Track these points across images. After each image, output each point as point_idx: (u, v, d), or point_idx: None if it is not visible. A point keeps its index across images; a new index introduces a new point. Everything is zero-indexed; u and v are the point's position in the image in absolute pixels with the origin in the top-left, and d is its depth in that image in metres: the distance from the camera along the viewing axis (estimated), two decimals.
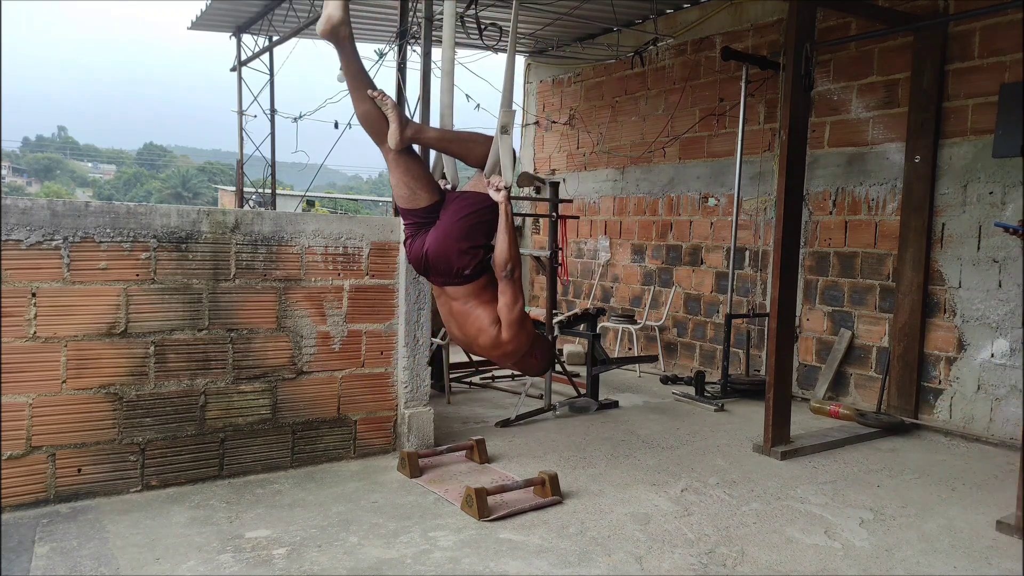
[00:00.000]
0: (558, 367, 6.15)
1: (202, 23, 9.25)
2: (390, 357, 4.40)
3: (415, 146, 3.17)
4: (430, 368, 4.58)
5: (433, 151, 3.37)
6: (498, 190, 2.99)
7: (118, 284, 3.60)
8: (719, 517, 3.62)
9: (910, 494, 4.03)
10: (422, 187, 2.97)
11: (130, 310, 3.63)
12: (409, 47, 6.65)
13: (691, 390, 6.26)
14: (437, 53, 6.84)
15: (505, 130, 3.05)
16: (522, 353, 3.14)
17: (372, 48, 8.46)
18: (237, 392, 3.93)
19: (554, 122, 9.29)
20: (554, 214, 5.85)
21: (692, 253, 7.44)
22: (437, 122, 3.28)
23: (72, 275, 3.49)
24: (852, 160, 5.98)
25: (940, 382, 5.39)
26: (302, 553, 3.10)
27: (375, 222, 4.35)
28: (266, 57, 9.96)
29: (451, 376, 6.10)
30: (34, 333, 3.42)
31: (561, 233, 6.20)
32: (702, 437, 5.05)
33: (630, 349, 7.83)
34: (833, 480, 4.23)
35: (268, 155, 10.28)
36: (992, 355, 5.08)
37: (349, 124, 9.04)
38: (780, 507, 3.78)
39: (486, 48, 7.45)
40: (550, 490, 3.71)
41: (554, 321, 5.84)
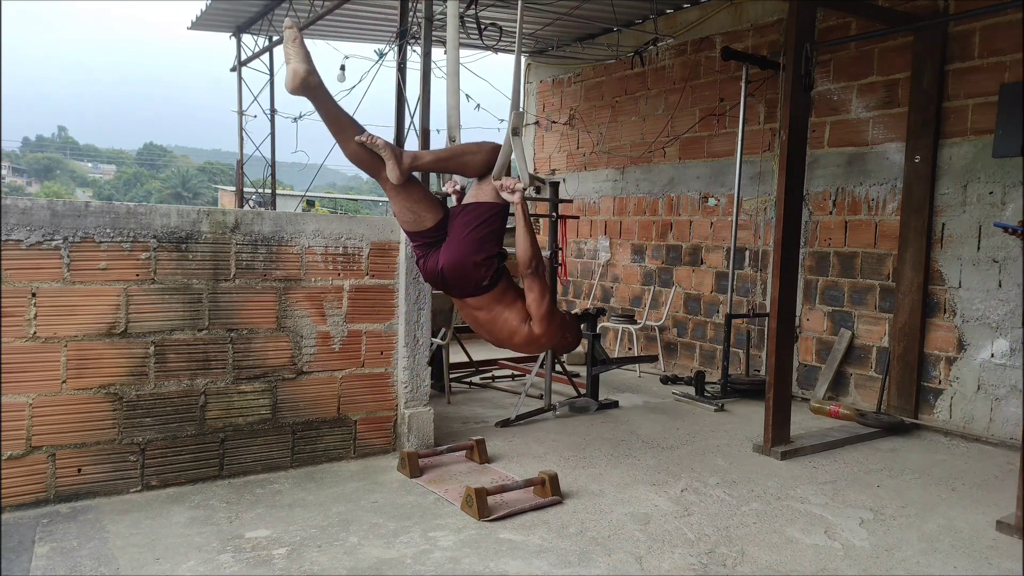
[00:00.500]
0: (558, 367, 6.15)
1: (202, 23, 9.26)
2: (390, 357, 4.40)
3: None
4: (430, 368, 4.58)
5: (446, 144, 3.37)
6: (512, 191, 2.98)
7: (118, 284, 3.60)
8: (719, 517, 3.62)
9: (910, 494, 4.04)
10: (425, 208, 2.96)
11: (130, 310, 3.63)
12: (409, 47, 6.66)
13: (691, 390, 6.26)
14: (437, 53, 6.85)
15: (516, 132, 3.06)
16: (557, 339, 3.17)
17: (372, 48, 8.43)
18: (237, 392, 3.93)
19: (554, 122, 9.29)
20: (554, 214, 5.85)
21: (692, 253, 7.44)
22: (443, 122, 3.28)
23: (72, 275, 3.49)
24: (852, 160, 5.98)
25: (940, 382, 5.39)
26: (302, 553, 3.10)
27: (375, 222, 4.35)
28: (266, 57, 9.98)
29: (451, 376, 6.10)
30: (34, 333, 3.42)
31: (561, 233, 6.20)
32: (702, 437, 5.05)
33: (630, 349, 7.84)
34: (833, 480, 4.23)
35: (268, 155, 10.29)
36: (992, 355, 5.08)
37: None
38: (780, 507, 3.78)
39: (486, 48, 7.46)
40: (550, 490, 3.71)
41: None
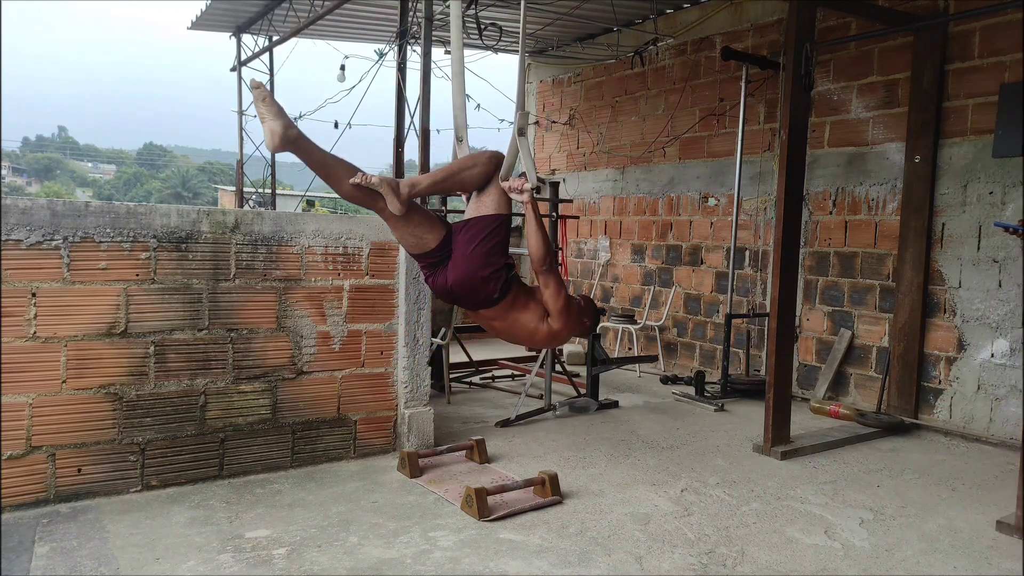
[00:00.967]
0: (558, 367, 6.15)
1: (202, 23, 9.26)
2: (390, 357, 4.40)
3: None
4: (430, 368, 4.58)
5: (452, 152, 3.36)
6: (521, 192, 2.99)
7: (118, 284, 3.60)
8: (719, 517, 3.62)
9: (910, 494, 4.04)
10: (427, 230, 2.94)
11: (130, 310, 3.63)
12: (409, 47, 6.66)
13: (691, 390, 6.26)
14: (437, 53, 6.86)
15: (521, 132, 3.07)
16: (577, 328, 3.23)
17: (372, 48, 8.44)
18: (237, 392, 3.93)
19: (554, 122, 9.29)
20: (554, 214, 5.85)
21: (692, 253, 7.44)
22: (448, 122, 3.27)
23: (72, 275, 3.49)
24: (852, 160, 5.98)
25: (940, 382, 5.39)
26: (302, 553, 3.10)
27: (375, 222, 4.35)
28: (266, 57, 9.98)
29: (451, 376, 6.10)
30: (34, 333, 3.42)
31: (561, 233, 6.20)
32: (702, 437, 5.05)
33: (630, 349, 7.84)
34: (833, 480, 4.23)
35: (268, 155, 10.29)
36: (992, 355, 5.08)
37: (349, 124, 9.06)
38: (780, 507, 3.78)
39: (486, 48, 7.46)
40: (550, 490, 3.71)
41: None
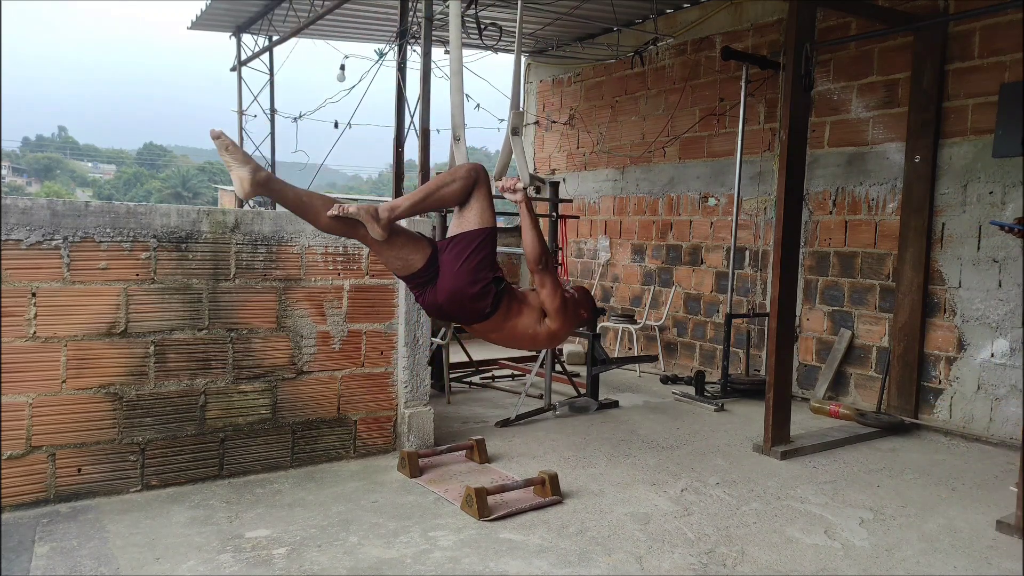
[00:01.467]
0: (558, 367, 6.15)
1: (202, 23, 9.26)
2: (390, 357, 4.40)
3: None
4: (430, 368, 4.58)
5: (450, 151, 3.35)
6: (515, 191, 2.98)
7: (118, 284, 3.60)
8: (719, 517, 3.62)
9: (910, 494, 4.03)
10: (411, 251, 2.90)
11: (130, 310, 3.63)
12: (409, 47, 6.66)
13: (691, 390, 6.26)
14: (437, 53, 6.85)
15: (516, 131, 3.06)
16: (575, 323, 3.21)
17: (372, 48, 8.44)
18: (237, 392, 3.93)
19: (554, 122, 9.29)
20: (554, 214, 5.85)
21: (692, 253, 7.43)
22: (447, 122, 3.27)
23: (72, 275, 3.49)
24: (852, 160, 5.98)
25: (940, 382, 5.38)
26: (302, 553, 3.10)
27: None
28: (266, 57, 9.98)
29: (451, 376, 6.10)
30: (34, 333, 3.42)
31: (561, 233, 6.20)
32: (702, 437, 5.05)
33: (630, 349, 7.83)
34: (833, 480, 4.23)
35: (268, 155, 10.29)
36: (992, 355, 5.08)
37: (349, 124, 9.05)
38: (780, 507, 3.78)
39: (486, 48, 7.46)
40: (550, 490, 3.71)
41: None
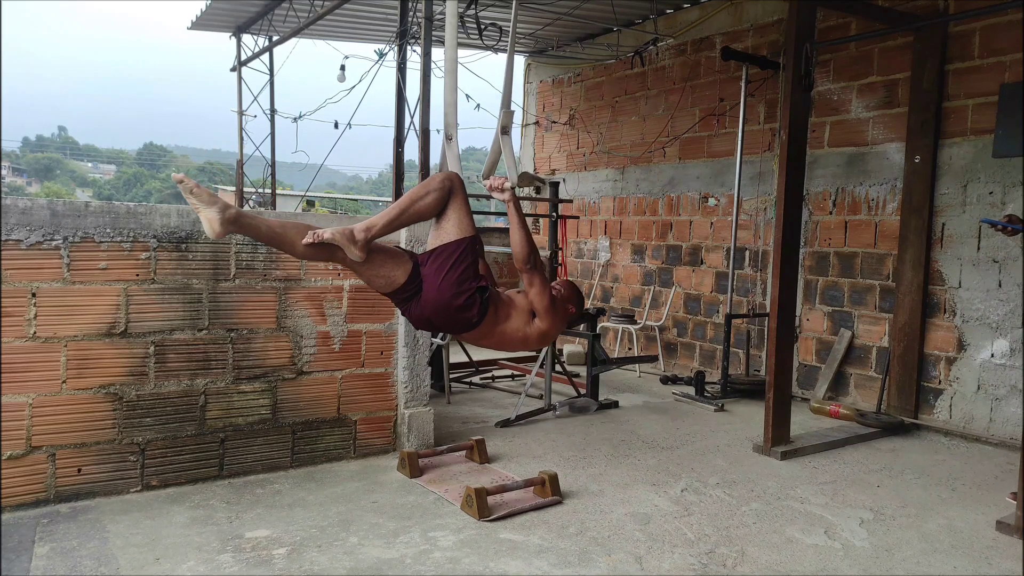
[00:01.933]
0: (558, 367, 6.15)
1: (202, 23, 9.25)
2: (390, 357, 4.40)
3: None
4: (430, 368, 4.58)
5: (441, 149, 3.34)
6: (503, 190, 2.98)
7: (118, 284, 3.60)
8: (719, 517, 3.62)
9: (910, 494, 4.04)
10: (392, 267, 2.88)
11: (130, 310, 3.63)
12: (409, 47, 6.66)
13: (691, 390, 6.26)
14: (437, 53, 6.85)
15: (505, 130, 3.06)
16: (565, 320, 3.19)
17: (372, 48, 8.43)
18: (237, 392, 3.93)
19: (554, 122, 9.29)
20: (554, 214, 5.85)
21: (692, 253, 7.44)
22: (438, 122, 3.26)
23: (72, 275, 3.49)
24: (852, 160, 5.98)
25: (940, 382, 5.38)
26: (302, 553, 3.10)
27: None
28: (266, 57, 9.97)
29: (451, 376, 6.10)
30: (34, 333, 3.42)
31: (561, 233, 6.20)
32: (702, 437, 5.05)
33: (630, 349, 7.83)
34: (833, 480, 4.23)
35: (268, 155, 10.28)
36: (992, 355, 5.08)
37: (349, 124, 9.05)
38: (780, 507, 3.78)
39: (486, 48, 7.46)
40: (550, 490, 3.71)
41: None
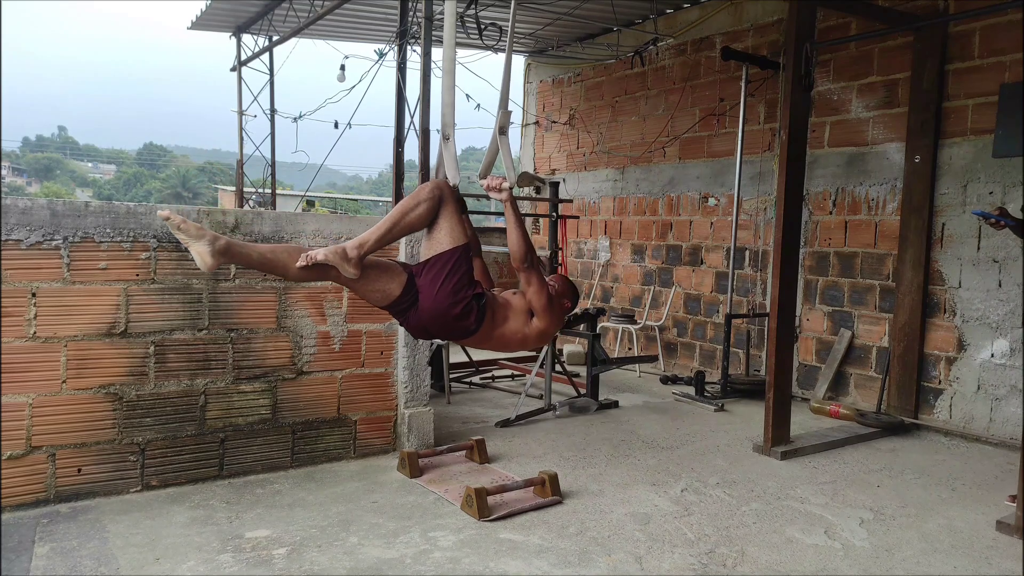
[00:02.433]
0: (558, 367, 6.15)
1: (202, 23, 9.25)
2: (390, 357, 4.40)
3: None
4: (430, 368, 4.58)
5: (438, 150, 3.33)
6: (499, 191, 2.98)
7: (118, 284, 3.60)
8: (719, 517, 3.62)
9: (910, 494, 4.03)
10: (388, 281, 2.88)
11: (130, 310, 3.63)
12: (409, 47, 6.65)
13: (691, 390, 6.26)
14: (437, 53, 6.84)
15: (503, 131, 3.05)
16: (563, 317, 3.21)
17: (372, 48, 8.43)
18: (237, 392, 3.93)
19: (554, 122, 9.29)
20: (554, 214, 5.85)
21: (692, 253, 7.43)
22: (438, 122, 3.25)
23: (72, 275, 3.49)
24: (852, 160, 5.98)
25: (940, 382, 5.38)
26: (302, 553, 3.10)
27: (375, 222, 4.34)
28: (266, 57, 9.97)
29: (451, 376, 6.10)
30: (34, 333, 3.42)
31: (561, 233, 6.20)
32: (702, 437, 5.05)
33: (630, 349, 7.83)
34: (833, 480, 4.23)
35: (268, 155, 10.28)
36: (992, 355, 5.08)
37: (349, 124, 9.05)
38: (780, 507, 3.78)
39: (486, 48, 7.45)
40: (550, 490, 3.71)
41: None
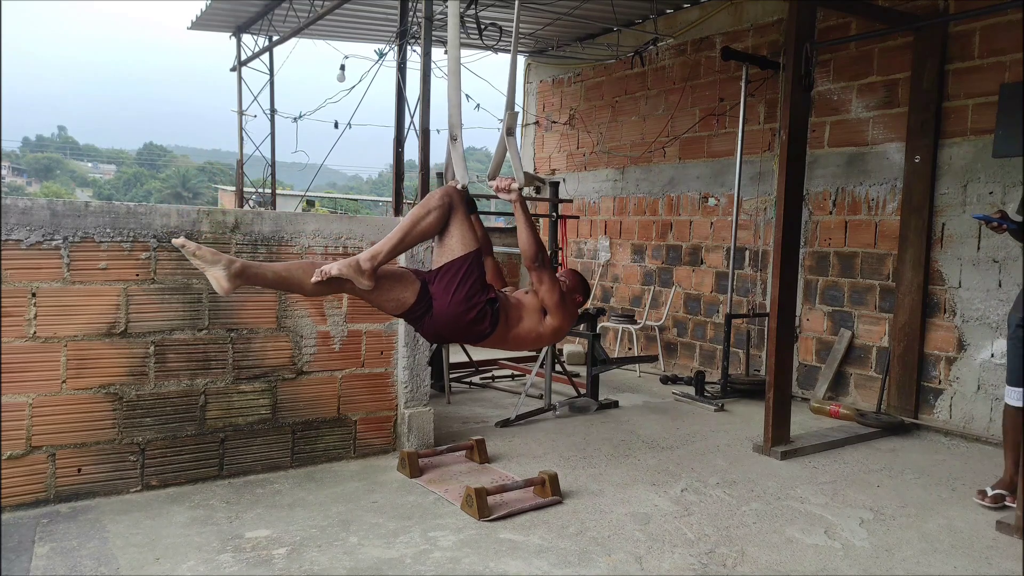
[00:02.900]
0: (558, 367, 6.15)
1: (202, 23, 9.25)
2: (390, 357, 4.40)
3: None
4: (430, 368, 4.58)
5: (446, 150, 3.34)
6: (509, 191, 2.99)
7: (118, 284, 3.60)
8: (719, 517, 3.62)
9: (910, 494, 4.03)
10: (402, 290, 2.88)
11: (130, 310, 3.63)
12: (409, 47, 6.65)
13: (691, 390, 6.26)
14: (437, 53, 6.85)
15: (510, 132, 3.06)
16: (575, 312, 3.22)
17: (372, 48, 8.44)
18: (237, 392, 3.93)
19: (554, 122, 9.29)
20: (554, 214, 5.85)
21: (692, 253, 7.44)
22: (444, 122, 3.26)
23: (72, 275, 3.49)
24: (852, 160, 5.98)
25: (940, 382, 5.38)
26: (302, 553, 3.10)
27: (375, 222, 4.36)
28: (266, 57, 9.97)
29: (451, 376, 6.10)
30: (34, 333, 3.42)
31: (561, 233, 6.19)
32: (702, 437, 5.05)
33: (630, 349, 7.83)
34: (833, 480, 4.23)
35: (268, 155, 10.29)
36: (992, 355, 5.08)
37: (349, 124, 9.05)
38: (780, 507, 3.78)
39: (486, 48, 7.45)
40: (550, 490, 3.71)
41: None
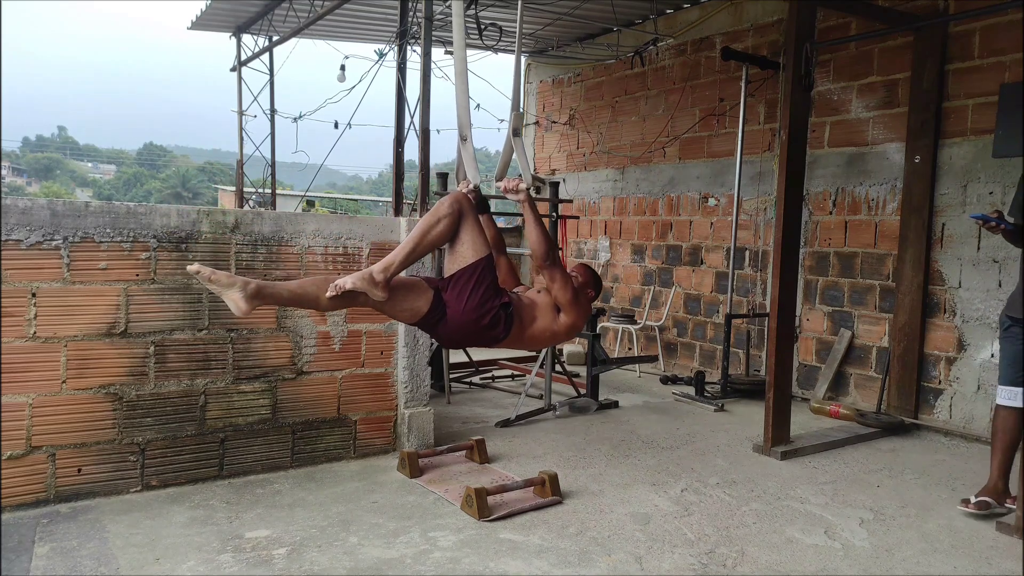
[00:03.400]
0: (558, 367, 6.15)
1: (202, 23, 9.25)
2: (390, 357, 4.40)
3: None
4: (430, 368, 4.58)
5: (457, 151, 3.35)
6: (517, 192, 3.00)
7: (118, 284, 3.60)
8: (719, 517, 3.62)
9: (910, 494, 4.03)
10: (416, 299, 2.89)
11: (130, 310, 3.63)
12: (409, 47, 6.65)
13: (691, 390, 6.26)
14: (437, 53, 6.86)
15: (516, 132, 3.07)
16: (589, 308, 3.26)
17: (372, 48, 8.45)
18: (237, 392, 3.93)
19: (554, 122, 9.29)
20: (554, 214, 5.85)
21: (692, 253, 7.44)
22: (448, 122, 3.27)
23: (72, 275, 3.49)
24: (852, 160, 5.98)
25: (940, 382, 5.38)
26: (302, 553, 3.10)
27: (375, 222, 4.36)
28: (266, 57, 9.97)
29: (451, 376, 6.10)
30: (34, 333, 3.42)
31: (561, 233, 6.19)
32: (702, 437, 5.05)
33: (630, 349, 7.83)
34: (833, 480, 4.23)
35: (268, 155, 10.28)
36: (992, 355, 5.08)
37: (349, 124, 9.06)
38: (780, 507, 3.78)
39: (486, 48, 7.46)
40: (550, 490, 3.72)
41: None
